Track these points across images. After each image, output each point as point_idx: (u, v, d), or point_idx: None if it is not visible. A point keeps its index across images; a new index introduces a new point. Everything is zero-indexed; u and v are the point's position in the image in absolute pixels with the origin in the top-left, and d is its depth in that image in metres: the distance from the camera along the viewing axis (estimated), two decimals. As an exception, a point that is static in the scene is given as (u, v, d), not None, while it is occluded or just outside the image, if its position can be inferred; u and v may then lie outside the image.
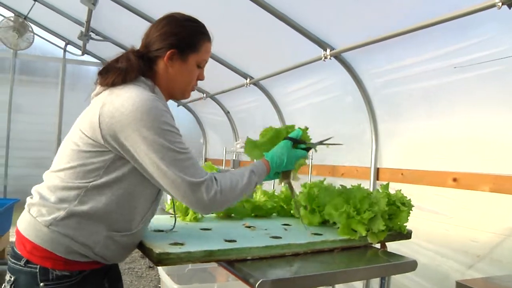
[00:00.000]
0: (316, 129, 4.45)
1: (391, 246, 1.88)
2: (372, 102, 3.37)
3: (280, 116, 4.80)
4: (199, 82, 1.68)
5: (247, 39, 4.01)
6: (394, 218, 1.86)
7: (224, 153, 5.05)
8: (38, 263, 1.36)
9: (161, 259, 1.37)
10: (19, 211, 1.49)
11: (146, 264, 5.19)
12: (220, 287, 3.17)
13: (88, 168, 1.38)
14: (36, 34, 5.92)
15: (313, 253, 1.66)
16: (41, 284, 1.36)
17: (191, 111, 7.24)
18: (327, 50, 3.17)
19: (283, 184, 1.86)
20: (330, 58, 3.19)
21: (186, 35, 1.56)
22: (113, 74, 1.46)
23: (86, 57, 6.66)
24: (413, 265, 1.66)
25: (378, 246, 1.86)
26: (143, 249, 1.52)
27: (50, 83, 6.69)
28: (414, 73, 2.89)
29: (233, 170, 1.59)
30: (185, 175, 1.36)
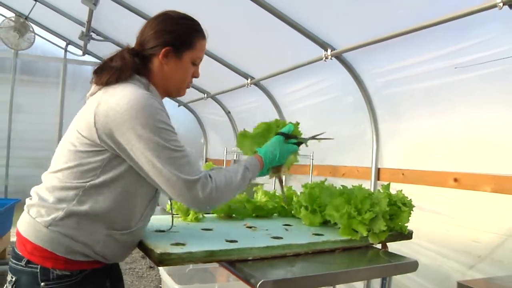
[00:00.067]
0: (317, 129, 4.45)
1: (392, 247, 1.88)
2: (373, 102, 3.37)
3: (281, 116, 4.79)
4: (200, 83, 1.69)
5: (248, 39, 4.01)
6: (395, 219, 1.86)
7: (225, 153, 5.05)
8: (39, 263, 1.37)
9: (163, 260, 1.37)
10: (20, 211, 1.49)
11: (147, 264, 5.19)
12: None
13: (86, 168, 1.39)
14: (37, 34, 5.92)
15: (314, 254, 1.66)
16: (42, 284, 1.36)
17: (192, 111, 7.23)
18: (328, 50, 3.17)
19: (274, 178, 1.87)
20: (331, 58, 3.19)
21: (181, 33, 1.57)
22: (108, 73, 1.46)
23: (87, 57, 6.65)
24: (414, 266, 1.66)
25: (379, 247, 1.86)
26: (145, 250, 1.52)
27: (51, 83, 6.69)
28: (415, 73, 2.88)
29: (227, 167, 1.59)
30: (181, 173, 1.36)
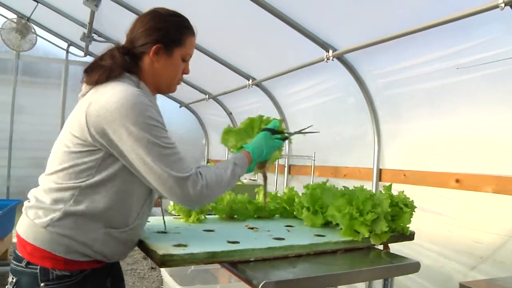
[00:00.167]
0: (319, 130, 4.45)
1: (394, 248, 1.88)
2: (375, 103, 3.36)
3: (283, 117, 4.80)
4: (202, 84, 1.70)
5: (250, 41, 4.01)
6: (397, 220, 1.86)
7: (227, 154, 5.06)
8: (39, 264, 1.37)
9: (165, 261, 1.38)
10: (22, 212, 1.50)
11: (149, 265, 5.19)
12: (223, 288, 3.18)
13: (80, 168, 1.39)
14: (39, 36, 5.94)
15: (316, 255, 1.66)
16: (42, 285, 1.36)
17: (194, 112, 7.24)
18: (330, 51, 3.17)
19: (258, 174, 1.89)
20: (333, 59, 3.19)
21: (171, 30, 1.57)
22: (97, 72, 1.47)
23: (89, 59, 6.65)
24: (416, 267, 1.66)
25: (381, 248, 1.86)
26: (146, 251, 1.52)
27: (53, 84, 6.71)
28: (417, 74, 2.88)
29: (217, 164, 1.58)
30: (172, 170, 1.36)
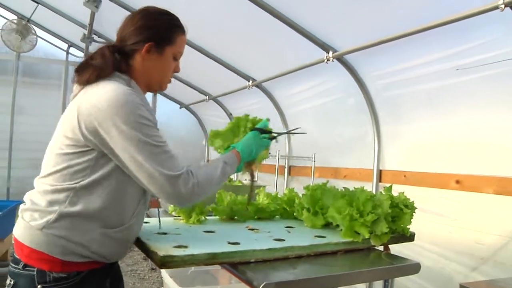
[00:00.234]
0: (319, 131, 4.47)
1: (394, 249, 1.88)
2: (375, 104, 3.37)
3: (283, 118, 4.80)
4: (202, 85, 1.70)
5: (250, 42, 4.02)
6: (397, 221, 1.86)
7: (227, 155, 5.05)
8: (36, 266, 1.37)
9: (165, 262, 1.38)
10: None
11: (149, 266, 5.19)
12: (223, 289, 3.17)
13: (74, 169, 1.39)
14: (39, 37, 5.95)
15: (316, 256, 1.66)
16: (39, 287, 1.36)
17: (194, 113, 7.24)
18: (330, 53, 3.18)
19: (246, 173, 1.92)
20: (333, 61, 3.20)
21: (163, 28, 1.58)
22: (88, 72, 1.47)
23: (89, 60, 6.67)
24: (417, 268, 1.66)
25: (381, 249, 1.86)
26: (147, 252, 1.52)
27: (53, 85, 6.71)
28: (417, 75, 2.88)
29: (207, 163, 1.59)
30: (163, 169, 1.36)
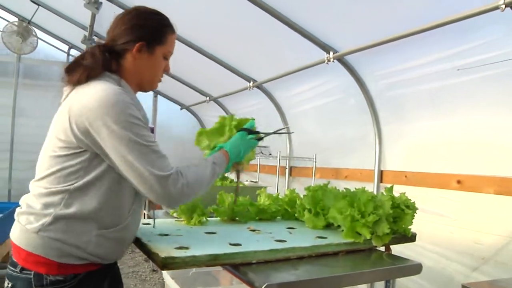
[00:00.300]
0: (320, 132, 4.46)
1: (395, 249, 1.88)
2: (375, 105, 3.37)
3: (284, 119, 4.80)
4: (203, 86, 1.70)
5: (251, 43, 4.02)
6: (399, 221, 1.86)
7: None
8: (33, 269, 1.37)
9: (167, 263, 1.37)
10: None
11: (150, 268, 5.19)
12: (224, 291, 3.17)
13: (68, 171, 1.39)
14: (40, 39, 5.95)
15: (318, 257, 1.66)
16: None
17: (195, 114, 7.24)
18: (330, 53, 3.18)
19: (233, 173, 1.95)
20: (333, 61, 3.20)
21: (153, 28, 1.58)
22: (78, 72, 1.47)
23: (90, 61, 6.66)
24: (418, 268, 1.66)
25: (383, 249, 1.86)
26: (148, 253, 1.52)
27: (54, 87, 6.62)
28: (418, 75, 2.89)
29: (195, 163, 1.58)
30: (153, 168, 1.36)
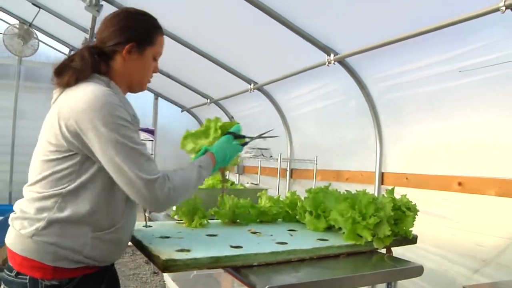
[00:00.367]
0: (320, 134, 4.46)
1: (396, 251, 1.88)
2: (376, 107, 3.37)
3: (284, 121, 4.81)
4: (203, 88, 1.70)
5: (251, 45, 4.02)
6: (400, 223, 1.86)
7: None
8: (28, 274, 1.37)
9: (168, 266, 1.37)
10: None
11: (151, 270, 5.19)
12: (225, 293, 3.17)
13: (60, 175, 1.39)
14: (41, 41, 5.96)
15: (319, 259, 1.66)
16: None
17: (195, 117, 7.25)
18: (331, 55, 3.18)
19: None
20: (334, 63, 3.20)
21: (143, 29, 1.59)
22: (67, 74, 1.47)
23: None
24: (419, 271, 1.66)
25: (384, 251, 1.86)
26: (149, 256, 1.52)
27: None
28: (418, 78, 2.89)
29: (182, 166, 1.58)
30: (140, 172, 1.35)
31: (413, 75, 2.91)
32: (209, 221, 2.07)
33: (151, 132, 6.43)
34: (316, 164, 4.11)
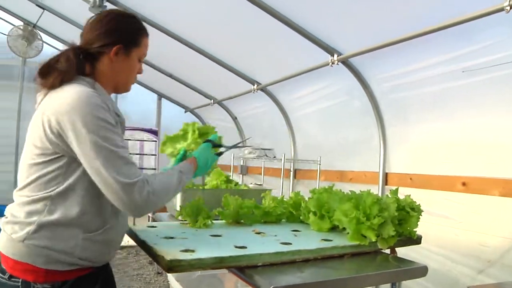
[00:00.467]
0: (324, 135, 4.46)
1: (400, 252, 1.88)
2: (380, 107, 3.37)
3: (288, 122, 4.81)
4: (207, 88, 1.70)
5: (254, 45, 4.03)
6: (404, 224, 1.86)
7: (232, 159, 5.06)
8: (21, 277, 1.38)
9: (173, 266, 1.38)
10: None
11: (155, 270, 5.20)
12: (229, 293, 3.18)
13: (48, 178, 1.40)
14: (45, 42, 5.98)
15: (323, 259, 1.66)
16: None
17: (199, 117, 7.26)
18: (335, 56, 3.18)
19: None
20: (338, 64, 3.20)
21: (130, 31, 1.60)
22: (52, 76, 1.47)
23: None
24: (424, 271, 1.66)
25: (388, 252, 1.86)
26: (153, 256, 1.52)
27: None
28: (422, 78, 2.88)
29: (162, 171, 1.58)
30: (118, 175, 1.35)
31: (417, 75, 2.91)
32: (213, 222, 2.08)
33: (155, 133, 6.45)
34: (320, 165, 4.11)
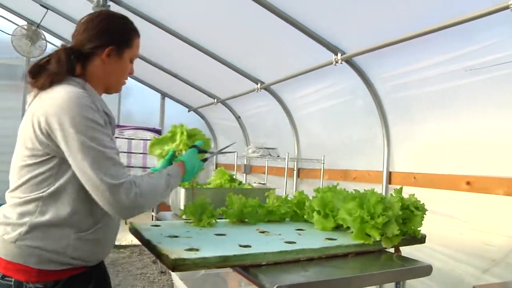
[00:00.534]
0: (327, 134, 4.46)
1: (405, 251, 1.88)
2: (384, 106, 3.36)
3: (291, 121, 4.81)
4: (210, 88, 1.71)
5: (258, 44, 4.03)
6: (408, 223, 1.86)
7: (236, 158, 5.06)
8: (13, 277, 1.38)
9: (177, 265, 1.38)
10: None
11: (158, 269, 5.21)
12: (233, 292, 3.18)
13: (39, 179, 1.40)
14: (49, 42, 5.99)
15: (327, 258, 1.66)
16: None
17: (202, 116, 7.27)
18: (338, 55, 3.18)
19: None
20: (341, 63, 3.20)
21: (122, 32, 1.60)
22: (42, 77, 1.47)
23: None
24: (428, 270, 1.65)
25: (392, 251, 1.86)
26: (158, 255, 1.52)
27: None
28: (425, 77, 2.88)
29: (150, 174, 1.58)
30: (104, 176, 1.34)
31: (420, 74, 2.91)
32: (217, 221, 2.08)
33: (158, 132, 6.46)
34: (323, 164, 4.11)
